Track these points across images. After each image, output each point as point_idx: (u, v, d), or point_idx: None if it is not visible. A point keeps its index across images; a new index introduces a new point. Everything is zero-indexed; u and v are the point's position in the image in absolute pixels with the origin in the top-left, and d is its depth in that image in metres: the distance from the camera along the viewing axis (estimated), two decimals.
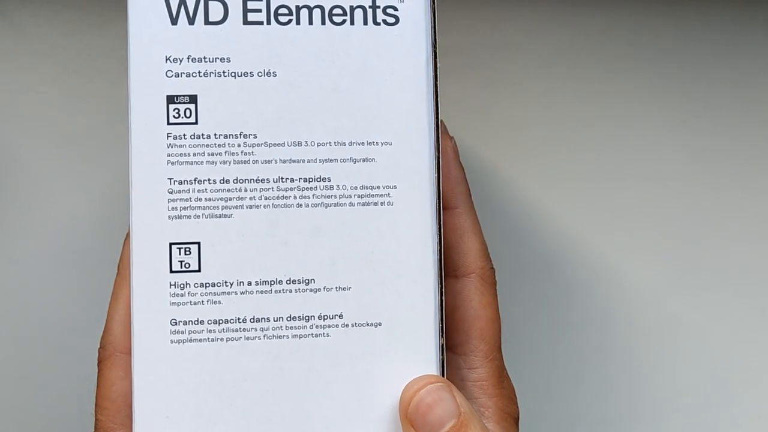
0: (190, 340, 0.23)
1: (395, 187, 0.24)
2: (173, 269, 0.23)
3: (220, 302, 0.24)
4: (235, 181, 0.24)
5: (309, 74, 0.24)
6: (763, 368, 0.39)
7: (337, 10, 0.24)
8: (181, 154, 0.24)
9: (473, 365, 0.26)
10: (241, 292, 0.24)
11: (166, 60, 0.24)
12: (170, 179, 0.23)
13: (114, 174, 0.35)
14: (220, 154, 0.24)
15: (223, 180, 0.24)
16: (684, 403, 0.38)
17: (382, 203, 0.24)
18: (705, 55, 0.38)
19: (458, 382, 0.26)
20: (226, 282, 0.24)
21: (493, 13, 0.36)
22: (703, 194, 0.38)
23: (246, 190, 0.24)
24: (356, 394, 0.24)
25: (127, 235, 0.24)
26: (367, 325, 0.24)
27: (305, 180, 0.24)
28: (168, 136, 0.23)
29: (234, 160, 0.24)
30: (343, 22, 0.24)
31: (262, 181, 0.24)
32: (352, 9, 0.24)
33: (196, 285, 0.23)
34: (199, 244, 0.24)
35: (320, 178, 0.24)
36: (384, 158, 0.24)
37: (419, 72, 0.24)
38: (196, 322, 0.23)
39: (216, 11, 0.24)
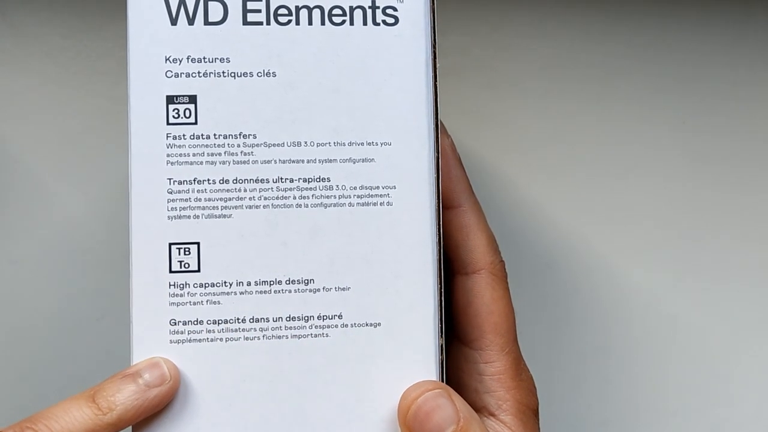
0: (190, 341, 0.23)
1: (394, 188, 0.24)
2: (173, 269, 0.23)
3: (219, 302, 0.24)
4: (235, 182, 0.24)
5: (308, 74, 0.24)
6: (763, 368, 0.39)
7: (337, 11, 0.24)
8: (180, 155, 0.23)
9: (489, 359, 0.26)
10: (241, 293, 0.24)
11: (166, 60, 0.24)
12: (170, 179, 0.23)
13: (114, 174, 0.35)
14: (220, 154, 0.24)
15: (223, 180, 0.24)
16: (684, 404, 0.38)
17: (381, 203, 0.24)
18: (705, 55, 0.38)
19: (476, 377, 0.26)
20: (225, 282, 0.24)
21: (492, 14, 0.36)
22: (703, 194, 0.38)
23: (245, 191, 0.24)
24: (355, 395, 0.24)
25: None
26: (367, 325, 0.24)
27: (305, 180, 0.24)
28: (167, 137, 0.23)
29: (233, 161, 0.24)
30: (343, 22, 0.24)
31: (262, 181, 0.24)
32: (352, 9, 0.24)
33: (195, 285, 0.23)
34: (198, 244, 0.24)
35: (319, 178, 0.24)
36: (383, 158, 0.24)
37: (419, 72, 0.24)
38: (195, 323, 0.23)
39: (216, 11, 0.24)
